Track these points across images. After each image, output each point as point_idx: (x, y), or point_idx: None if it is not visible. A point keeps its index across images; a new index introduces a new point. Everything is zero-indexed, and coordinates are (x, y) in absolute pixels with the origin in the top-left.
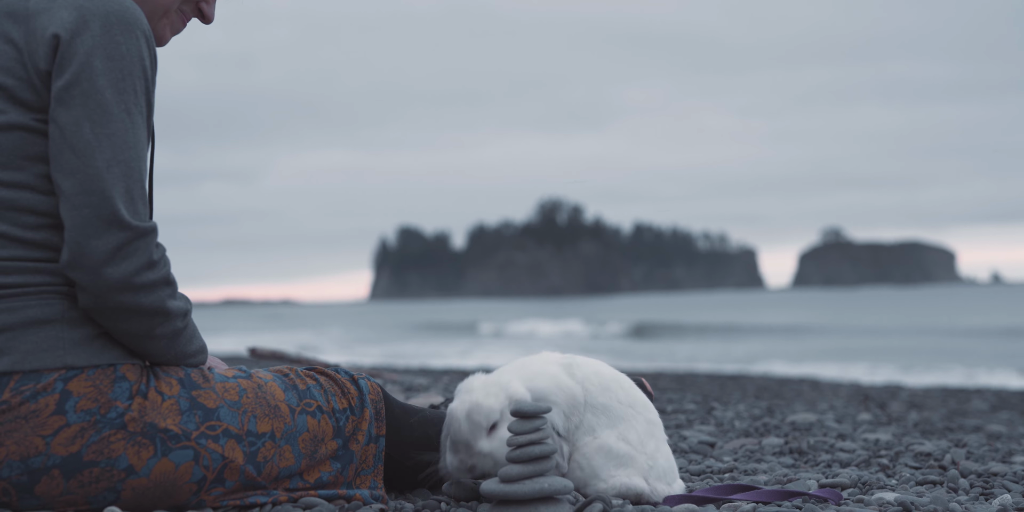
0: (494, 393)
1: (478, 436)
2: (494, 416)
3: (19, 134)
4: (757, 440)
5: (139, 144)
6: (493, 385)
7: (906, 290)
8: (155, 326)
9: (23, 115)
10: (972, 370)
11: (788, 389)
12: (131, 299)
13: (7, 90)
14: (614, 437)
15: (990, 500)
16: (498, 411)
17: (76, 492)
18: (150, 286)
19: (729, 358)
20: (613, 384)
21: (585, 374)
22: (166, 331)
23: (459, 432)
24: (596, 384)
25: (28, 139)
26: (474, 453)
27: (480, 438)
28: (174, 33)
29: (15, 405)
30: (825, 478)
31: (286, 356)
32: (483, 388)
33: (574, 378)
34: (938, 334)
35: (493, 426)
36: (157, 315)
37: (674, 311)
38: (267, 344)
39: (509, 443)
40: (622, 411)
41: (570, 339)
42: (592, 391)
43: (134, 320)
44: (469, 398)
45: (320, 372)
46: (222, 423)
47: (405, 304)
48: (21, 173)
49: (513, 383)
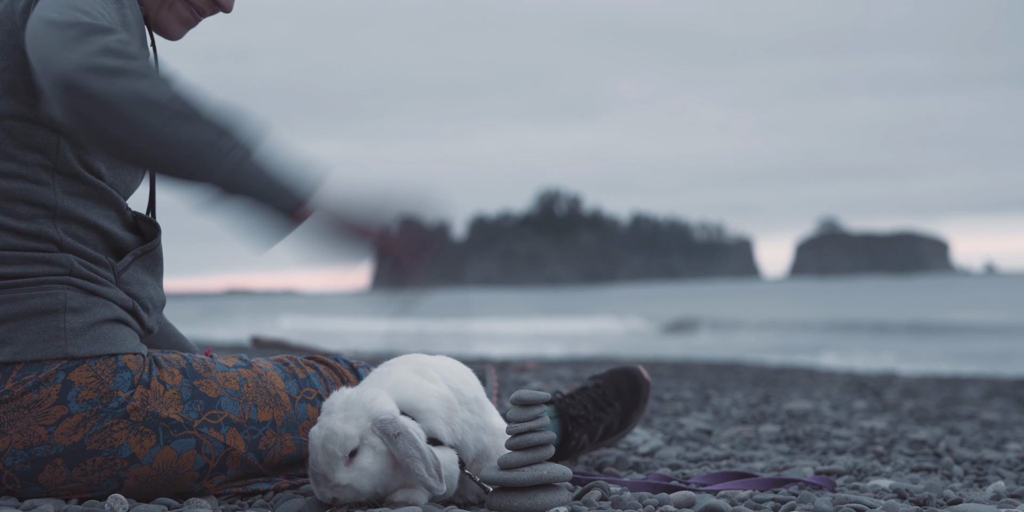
0: (354, 416)
1: (335, 466)
2: (351, 444)
3: (10, 123)
4: (753, 428)
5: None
6: (355, 406)
7: (901, 280)
8: (134, 113)
9: (14, 102)
10: (964, 359)
11: (784, 377)
12: (87, 84)
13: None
14: (502, 421)
15: (984, 487)
16: (356, 437)
17: (79, 480)
18: (113, 71)
19: (780, 349)
20: (467, 376)
21: (441, 374)
22: (153, 117)
23: (315, 463)
24: (458, 380)
25: (20, 128)
26: (333, 485)
27: (338, 469)
28: (183, 25)
29: (17, 395)
30: (821, 465)
31: (288, 345)
32: (343, 410)
33: (434, 381)
34: (932, 324)
35: (353, 453)
36: (130, 100)
37: (688, 303)
38: (269, 333)
39: (508, 431)
40: (485, 399)
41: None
42: (459, 388)
43: (107, 115)
44: (327, 423)
45: (320, 361)
46: (224, 412)
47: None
48: (13, 163)
49: (379, 399)
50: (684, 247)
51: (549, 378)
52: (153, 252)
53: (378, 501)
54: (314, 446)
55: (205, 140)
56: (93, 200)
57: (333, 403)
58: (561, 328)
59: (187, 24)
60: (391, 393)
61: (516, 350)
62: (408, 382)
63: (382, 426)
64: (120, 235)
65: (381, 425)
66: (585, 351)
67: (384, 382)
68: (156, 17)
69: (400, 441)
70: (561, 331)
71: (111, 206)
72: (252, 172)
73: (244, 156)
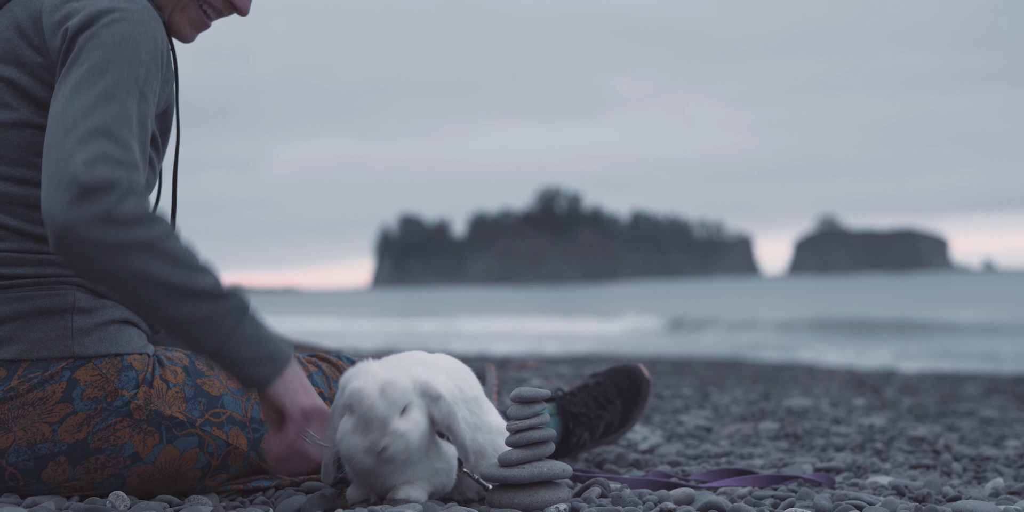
0: (400, 376)
1: (393, 413)
2: (408, 396)
3: (31, 131)
4: (753, 425)
5: (108, 105)
6: (396, 368)
7: (900, 277)
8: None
9: (35, 112)
10: (963, 356)
11: (784, 375)
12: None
13: (19, 86)
14: (500, 419)
15: (983, 484)
16: (412, 392)
17: (82, 478)
18: (113, 245)
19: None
20: (466, 375)
21: (444, 370)
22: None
23: (373, 409)
24: (457, 379)
25: (40, 137)
26: (388, 432)
27: (395, 416)
28: (196, 28)
29: (23, 392)
30: (820, 462)
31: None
32: (387, 370)
33: (439, 374)
34: (930, 321)
35: (404, 408)
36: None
37: (688, 301)
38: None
39: (509, 429)
40: (483, 398)
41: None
42: (459, 386)
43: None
44: (381, 373)
45: (322, 358)
46: (226, 410)
47: (408, 291)
48: (32, 170)
49: (416, 368)
50: (684, 245)
51: (549, 376)
52: None
53: (379, 498)
54: (368, 393)
55: (198, 317)
56: None
57: (369, 366)
58: (561, 326)
59: (198, 27)
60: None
61: (516, 348)
62: (419, 370)
63: (424, 387)
64: None
65: (424, 387)
66: (585, 349)
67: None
68: (169, 20)
69: (442, 403)
70: (561, 329)
71: None
72: (237, 343)
73: (231, 331)
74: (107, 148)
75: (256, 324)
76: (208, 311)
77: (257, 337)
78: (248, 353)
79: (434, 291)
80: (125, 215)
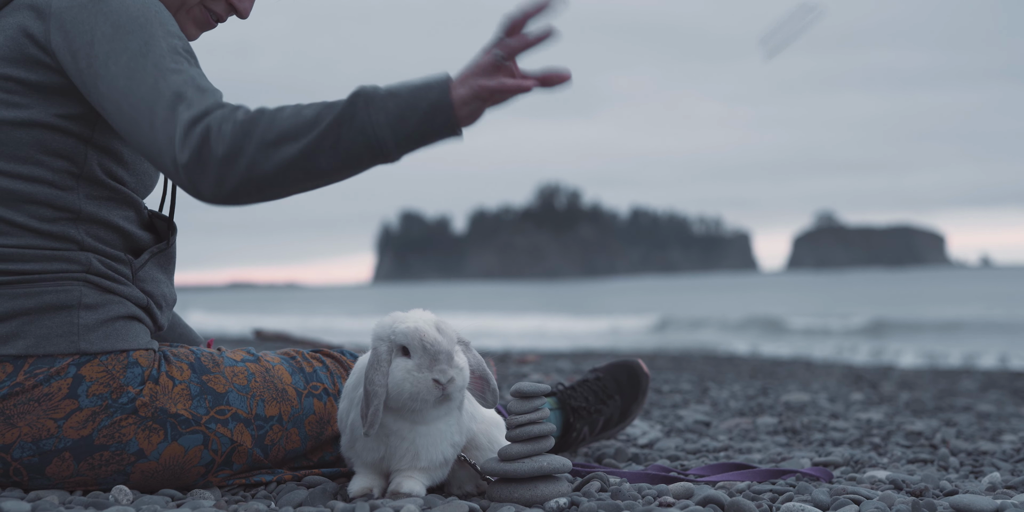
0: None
1: (454, 348)
2: (456, 334)
3: (39, 130)
4: (751, 419)
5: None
6: (431, 318)
7: (897, 273)
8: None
9: (44, 111)
10: (961, 351)
11: (782, 370)
12: (244, 174)
13: (28, 84)
14: (491, 411)
15: (980, 478)
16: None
17: (86, 474)
18: (242, 168)
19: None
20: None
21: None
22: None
23: (438, 342)
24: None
25: (48, 135)
26: (455, 364)
27: (456, 352)
28: (200, 28)
29: (28, 387)
30: (818, 456)
31: (291, 337)
32: (427, 314)
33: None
34: (928, 317)
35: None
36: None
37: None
38: (272, 326)
39: (508, 423)
40: None
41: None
42: None
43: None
44: (426, 316)
45: (326, 354)
46: (231, 407)
47: (409, 286)
48: (40, 168)
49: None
50: (682, 240)
51: (549, 370)
52: (168, 251)
53: (380, 492)
54: (428, 330)
55: (354, 133)
56: (114, 202)
57: (404, 314)
58: (562, 323)
59: (203, 27)
60: None
61: (516, 343)
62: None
63: (518, 386)
64: (138, 234)
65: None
66: (585, 344)
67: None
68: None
69: (473, 349)
70: (562, 326)
71: (130, 207)
72: (396, 116)
73: (380, 115)
74: (181, 89)
75: (385, 93)
76: (352, 122)
77: (397, 95)
78: (414, 117)
79: (434, 286)
80: (236, 142)
